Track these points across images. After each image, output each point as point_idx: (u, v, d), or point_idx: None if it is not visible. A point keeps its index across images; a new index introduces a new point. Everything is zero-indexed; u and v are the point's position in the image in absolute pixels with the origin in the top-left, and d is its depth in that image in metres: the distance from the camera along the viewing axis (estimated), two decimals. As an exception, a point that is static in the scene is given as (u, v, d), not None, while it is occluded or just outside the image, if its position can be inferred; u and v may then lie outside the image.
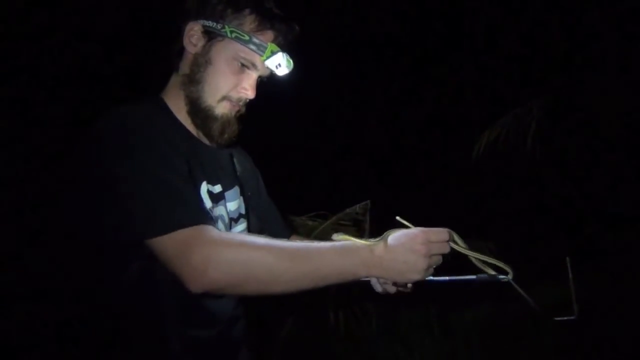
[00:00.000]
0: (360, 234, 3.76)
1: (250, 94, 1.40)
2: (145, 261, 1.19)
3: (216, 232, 1.14)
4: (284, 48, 1.38)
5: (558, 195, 6.53)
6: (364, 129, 7.93)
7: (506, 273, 1.22)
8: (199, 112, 1.37)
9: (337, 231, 1.26)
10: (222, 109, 1.39)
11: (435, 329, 4.31)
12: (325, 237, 1.32)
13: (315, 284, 1.15)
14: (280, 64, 1.37)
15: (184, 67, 1.40)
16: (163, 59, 1.47)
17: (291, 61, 1.40)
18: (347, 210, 3.88)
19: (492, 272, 1.24)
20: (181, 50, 1.42)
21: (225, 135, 1.41)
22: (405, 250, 1.15)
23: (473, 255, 1.24)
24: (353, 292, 3.72)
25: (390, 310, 4.38)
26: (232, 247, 1.10)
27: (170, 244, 1.11)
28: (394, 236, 1.18)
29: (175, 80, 1.43)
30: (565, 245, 6.02)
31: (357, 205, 3.86)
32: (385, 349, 4.34)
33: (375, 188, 6.81)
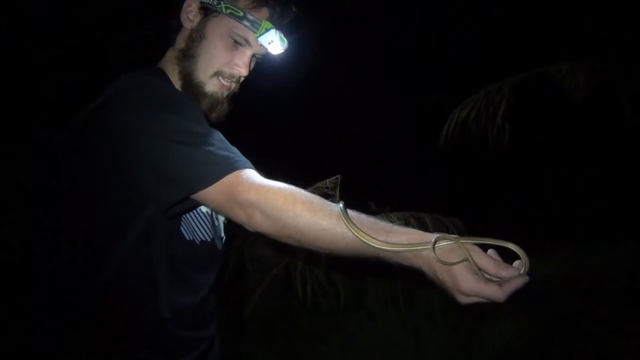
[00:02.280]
0: None
1: (243, 71, 1.41)
2: (144, 227, 1.24)
3: (260, 177, 1.18)
4: (278, 26, 1.40)
5: (524, 177, 6.72)
6: (335, 104, 7.93)
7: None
8: (191, 87, 1.39)
9: None
10: (212, 87, 1.41)
11: (401, 303, 4.42)
12: None
13: (353, 253, 1.14)
14: (272, 40, 1.38)
15: (180, 42, 1.43)
16: (161, 33, 1.48)
17: (285, 40, 1.41)
18: (317, 184, 3.88)
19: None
20: (179, 26, 1.44)
21: (214, 114, 1.43)
22: (442, 283, 1.07)
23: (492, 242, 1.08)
24: (320, 265, 3.78)
25: (357, 284, 4.47)
26: (274, 196, 1.13)
27: (220, 192, 1.15)
28: (444, 251, 1.06)
29: (171, 55, 1.45)
30: (527, 225, 6.20)
31: (327, 180, 3.88)
32: (351, 321, 4.44)
33: (346, 163, 6.86)
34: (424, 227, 3.71)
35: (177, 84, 1.42)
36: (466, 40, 7.53)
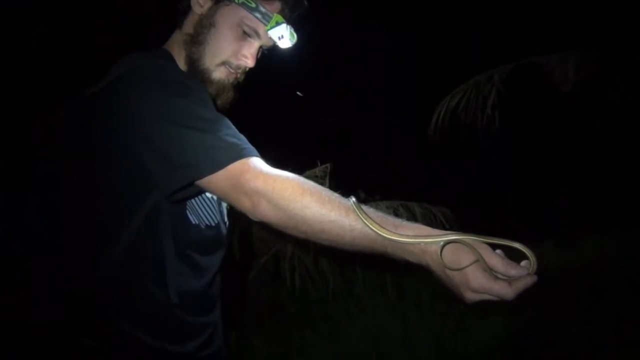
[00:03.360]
0: None
1: (250, 62, 1.40)
2: (151, 210, 1.24)
3: (267, 166, 1.17)
4: (289, 21, 1.39)
5: (512, 166, 6.75)
6: (325, 93, 7.91)
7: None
8: (197, 73, 1.38)
9: None
10: (219, 74, 1.39)
11: (390, 292, 4.44)
12: None
13: (359, 247, 1.13)
14: (283, 35, 1.37)
15: (188, 26, 1.41)
16: (168, 14, 1.47)
17: (295, 35, 1.40)
18: (307, 172, 3.89)
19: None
20: (187, 9, 1.42)
21: (219, 101, 1.42)
22: (450, 280, 1.07)
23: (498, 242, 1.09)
24: (309, 253, 3.78)
25: (346, 273, 4.48)
26: (282, 185, 1.12)
27: (226, 179, 1.14)
28: (453, 249, 1.06)
29: (177, 38, 1.43)
30: (514, 214, 6.26)
31: (317, 168, 3.90)
32: (339, 309, 4.45)
33: (336, 151, 6.85)
34: (413, 216, 3.76)
35: (183, 67, 1.40)
36: (456, 29, 7.52)
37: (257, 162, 1.16)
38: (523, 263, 1.06)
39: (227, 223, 1.49)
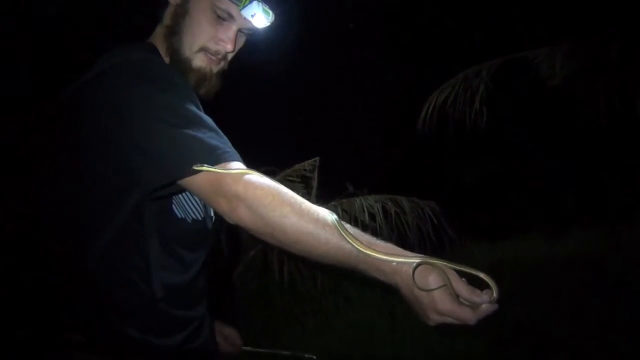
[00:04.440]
0: (307, 191, 3.89)
1: (228, 46, 1.38)
2: (135, 205, 1.24)
3: (249, 171, 1.17)
4: None
5: (500, 160, 6.77)
6: (314, 86, 7.89)
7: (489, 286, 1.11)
8: (179, 63, 1.37)
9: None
10: (199, 62, 1.38)
11: (377, 287, 4.45)
12: None
13: (331, 261, 1.14)
14: (255, 13, 1.35)
15: (167, 18, 1.40)
16: (148, 10, 1.46)
17: (270, 12, 1.38)
18: (296, 166, 3.94)
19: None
20: (165, 1, 1.41)
21: (203, 89, 1.40)
22: (417, 300, 1.09)
23: (463, 268, 1.13)
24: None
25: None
26: (263, 193, 1.12)
27: (206, 181, 1.14)
28: (422, 280, 1.08)
29: (159, 31, 1.42)
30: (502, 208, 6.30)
31: (306, 162, 3.93)
32: (327, 303, 4.47)
33: (325, 145, 6.85)
34: (401, 210, 3.80)
35: (165, 59, 1.40)
36: (445, 24, 7.53)
37: (239, 166, 1.17)
38: (485, 291, 1.09)
39: (214, 217, 1.49)
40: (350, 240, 1.09)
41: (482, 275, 1.10)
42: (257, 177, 1.15)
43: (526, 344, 3.73)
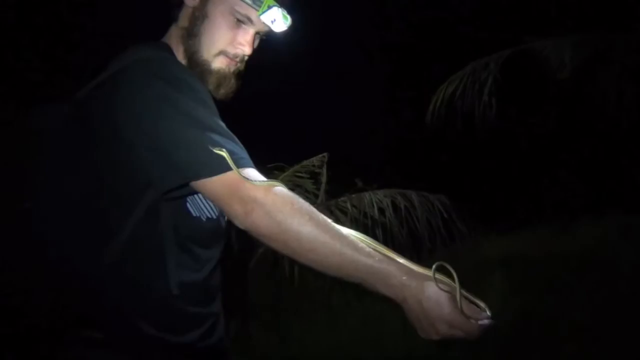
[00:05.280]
0: (316, 187, 3.89)
1: (246, 49, 1.39)
2: (151, 203, 1.25)
3: (264, 178, 1.19)
4: (281, 3, 1.38)
5: (509, 153, 6.74)
6: (323, 80, 7.88)
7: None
8: (197, 66, 1.38)
9: (292, 182, 1.28)
10: (218, 63, 1.39)
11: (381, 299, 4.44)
12: None
13: (340, 273, 1.17)
14: (275, 19, 1.36)
15: (183, 20, 1.41)
16: (162, 8, 1.46)
17: (288, 17, 1.39)
18: (304, 162, 3.94)
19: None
20: (180, 2, 1.42)
21: (222, 90, 1.41)
22: (426, 312, 1.13)
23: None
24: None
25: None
26: (282, 200, 1.15)
27: (222, 184, 1.16)
28: (432, 292, 1.13)
29: (174, 32, 1.43)
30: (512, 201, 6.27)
31: (314, 158, 3.93)
32: (338, 299, 4.48)
33: (333, 141, 6.84)
34: (411, 204, 3.80)
35: (182, 61, 1.41)
36: (452, 16, 7.49)
37: (253, 174, 1.18)
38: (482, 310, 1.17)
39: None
40: (378, 247, 1.14)
41: (481, 303, 1.16)
42: (273, 184, 1.17)
43: (536, 337, 3.73)
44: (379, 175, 4.81)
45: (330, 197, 3.96)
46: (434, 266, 1.14)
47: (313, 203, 3.93)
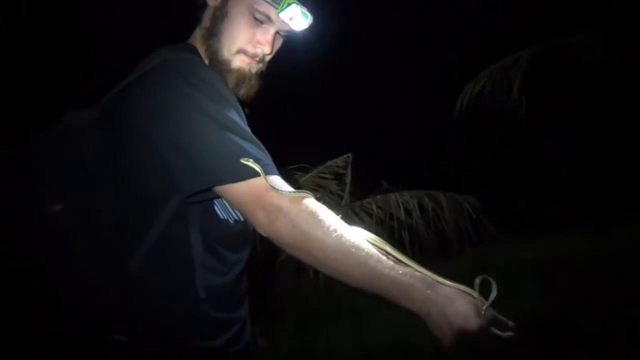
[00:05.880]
0: (341, 188, 3.88)
1: (266, 49, 1.39)
2: (178, 206, 1.26)
3: (290, 188, 1.19)
4: (300, 1, 1.38)
5: (539, 152, 6.62)
6: (348, 78, 7.88)
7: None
8: (217, 65, 1.39)
9: (315, 183, 1.28)
10: (238, 62, 1.39)
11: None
12: (305, 188, 1.35)
13: (363, 284, 1.17)
14: (294, 16, 1.36)
15: (206, 20, 1.43)
16: (187, 11, 1.49)
17: (308, 15, 1.39)
18: (328, 163, 3.93)
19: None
20: (204, 4, 1.45)
21: (242, 90, 1.41)
22: (453, 326, 1.13)
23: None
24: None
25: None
26: (307, 209, 1.15)
27: (247, 190, 1.16)
28: (460, 307, 1.14)
29: (198, 34, 1.45)
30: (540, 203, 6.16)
31: (338, 158, 3.92)
32: (363, 302, 4.44)
33: (357, 141, 6.82)
34: (438, 205, 3.76)
35: (206, 61, 1.41)
36: (481, 13, 7.42)
37: (279, 182, 1.19)
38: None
39: None
40: (402, 258, 1.15)
41: (506, 320, 1.17)
42: (303, 195, 1.17)
43: (568, 343, 3.67)
44: (404, 175, 4.75)
45: (355, 199, 3.95)
46: (477, 280, 1.15)
47: (337, 205, 4.03)
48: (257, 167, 1.15)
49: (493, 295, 1.13)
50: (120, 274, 1.28)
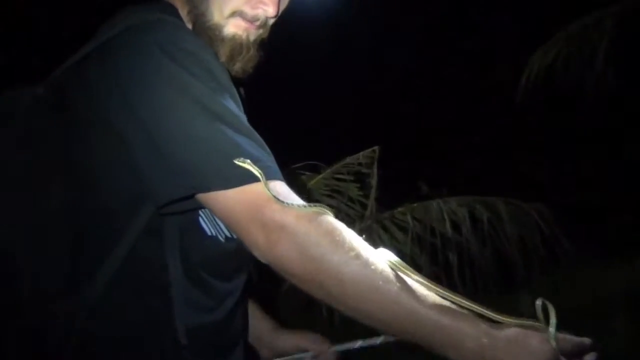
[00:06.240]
0: (363, 193, 3.83)
1: (270, 10, 1.38)
2: (151, 217, 1.24)
3: (297, 197, 1.18)
4: None
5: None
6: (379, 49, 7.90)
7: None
8: (205, 31, 1.37)
9: (330, 186, 1.23)
10: (232, 28, 1.38)
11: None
12: (315, 196, 1.32)
13: (394, 328, 1.16)
14: None
15: None
16: None
17: None
18: (347, 159, 3.89)
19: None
20: None
21: (238, 63, 1.40)
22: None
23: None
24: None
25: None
26: (320, 228, 1.13)
27: (241, 200, 1.15)
28: (532, 347, 1.13)
29: None
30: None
31: (361, 154, 3.87)
32: (393, 346, 4.49)
33: (386, 131, 6.80)
34: (496, 216, 3.74)
35: (188, 25, 1.39)
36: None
37: (284, 190, 1.17)
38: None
39: None
40: (447, 294, 1.13)
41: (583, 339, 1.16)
42: (308, 207, 1.15)
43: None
44: (450, 176, 4.73)
45: (382, 208, 3.92)
46: (538, 303, 1.12)
47: (359, 216, 3.99)
48: (255, 170, 1.12)
49: (553, 320, 1.11)
50: (72, 308, 1.25)
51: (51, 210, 1.28)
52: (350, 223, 1.26)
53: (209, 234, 1.32)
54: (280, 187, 1.17)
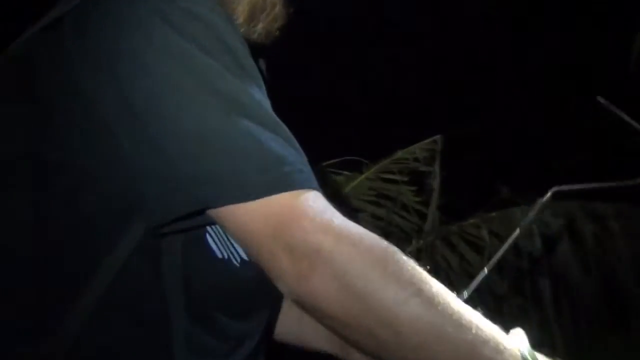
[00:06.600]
0: (421, 199, 3.82)
1: None
2: (145, 235, 1.22)
3: (335, 212, 1.16)
4: None
5: None
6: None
7: None
8: None
9: (376, 190, 1.15)
10: None
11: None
12: (355, 204, 1.25)
13: None
14: None
15: None
16: None
17: None
18: (399, 153, 3.89)
19: None
20: None
21: (259, 24, 1.43)
22: None
23: None
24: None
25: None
26: (370, 255, 1.11)
27: (262, 214, 1.14)
28: None
29: None
30: None
31: (417, 145, 3.87)
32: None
33: (450, 118, 6.79)
34: (606, 232, 3.72)
35: None
36: None
37: (320, 203, 1.15)
38: None
39: None
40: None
41: None
42: (351, 227, 1.13)
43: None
44: (538, 176, 4.69)
45: (447, 218, 3.93)
46: None
47: (416, 230, 3.98)
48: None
49: None
50: (45, 347, 1.24)
51: (16, 225, 1.27)
52: (404, 240, 1.17)
53: (220, 256, 1.29)
54: (315, 199, 1.15)
